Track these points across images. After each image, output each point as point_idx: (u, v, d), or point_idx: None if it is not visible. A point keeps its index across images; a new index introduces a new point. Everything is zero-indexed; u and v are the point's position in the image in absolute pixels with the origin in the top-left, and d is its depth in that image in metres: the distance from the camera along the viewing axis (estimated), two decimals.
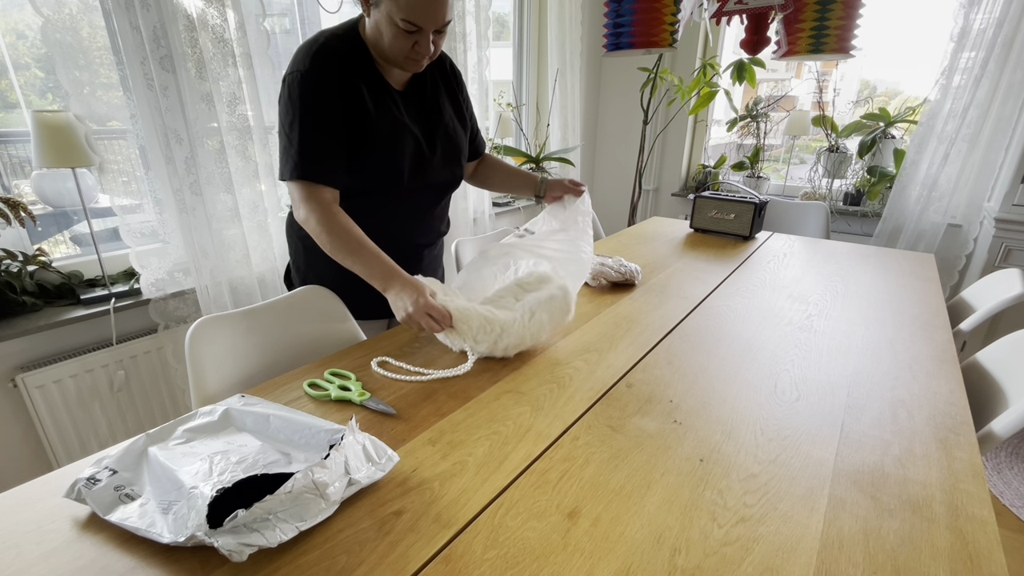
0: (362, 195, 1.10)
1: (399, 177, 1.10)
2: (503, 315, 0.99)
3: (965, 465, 0.72)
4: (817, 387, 0.92)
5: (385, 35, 0.97)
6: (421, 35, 0.96)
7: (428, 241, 1.27)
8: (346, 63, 1.01)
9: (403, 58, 1.00)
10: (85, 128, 1.34)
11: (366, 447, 0.68)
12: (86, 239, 1.58)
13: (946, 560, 0.57)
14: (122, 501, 0.61)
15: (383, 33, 0.97)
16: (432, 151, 1.14)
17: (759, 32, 1.57)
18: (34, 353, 1.41)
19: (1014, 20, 2.08)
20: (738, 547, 0.58)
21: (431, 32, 0.97)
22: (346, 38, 1.02)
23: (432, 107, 1.15)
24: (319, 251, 1.16)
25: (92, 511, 0.61)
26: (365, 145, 1.05)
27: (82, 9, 1.28)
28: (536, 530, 0.60)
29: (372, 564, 0.56)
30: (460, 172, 1.24)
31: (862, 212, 2.71)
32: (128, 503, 0.60)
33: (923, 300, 1.34)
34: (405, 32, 0.95)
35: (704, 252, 1.76)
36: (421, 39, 0.97)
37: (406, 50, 0.98)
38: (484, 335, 0.97)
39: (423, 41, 0.97)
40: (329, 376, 0.92)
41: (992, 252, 2.21)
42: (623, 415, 0.83)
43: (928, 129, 2.37)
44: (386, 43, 0.98)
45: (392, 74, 1.08)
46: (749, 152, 3.07)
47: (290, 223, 1.20)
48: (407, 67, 1.03)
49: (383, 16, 0.95)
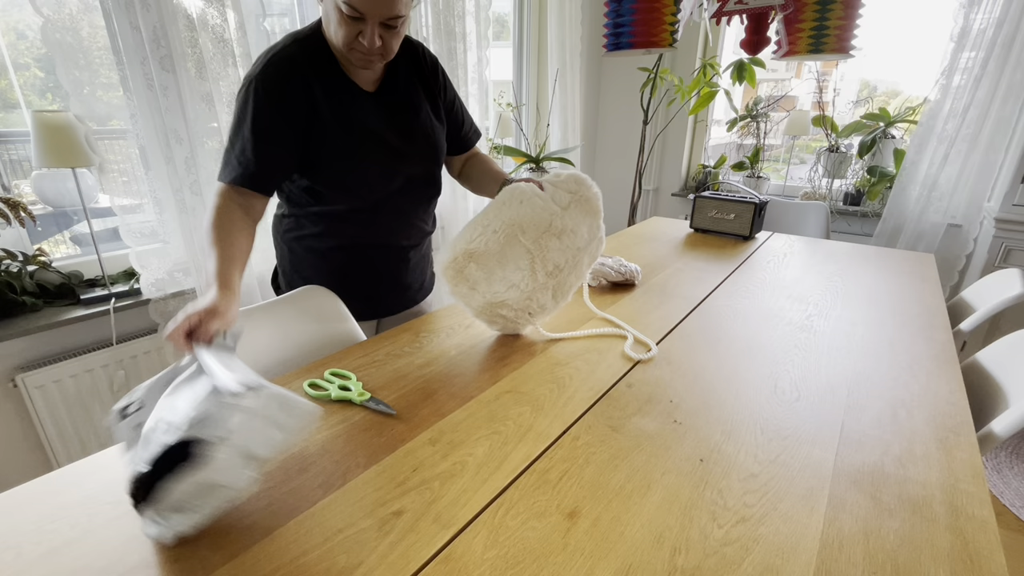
0: (338, 202, 1.08)
1: (368, 183, 1.08)
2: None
3: (965, 465, 0.72)
4: (817, 387, 0.92)
5: (332, 23, 0.93)
6: (366, 25, 0.91)
7: (414, 242, 1.23)
8: (304, 71, 0.97)
9: (348, 50, 0.95)
10: (85, 128, 1.34)
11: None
12: (86, 239, 1.58)
13: (946, 560, 0.57)
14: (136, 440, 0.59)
15: (331, 21, 0.94)
16: (407, 152, 1.11)
17: (759, 32, 1.57)
18: (34, 353, 1.41)
19: (1014, 20, 2.08)
20: (738, 547, 0.58)
21: (376, 23, 0.92)
22: (309, 42, 0.99)
23: (405, 106, 1.10)
24: (305, 254, 1.16)
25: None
26: (324, 155, 1.02)
27: (82, 9, 1.28)
28: (536, 530, 0.60)
29: (372, 564, 0.56)
30: (438, 171, 1.21)
31: (862, 212, 2.71)
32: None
33: (923, 300, 1.34)
34: (349, 19, 0.91)
35: (704, 252, 1.76)
36: (366, 29, 0.92)
37: (350, 40, 0.93)
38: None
39: (367, 32, 0.92)
40: (329, 376, 0.92)
41: (992, 252, 2.21)
42: (623, 415, 0.83)
43: (928, 129, 2.37)
44: (332, 32, 0.95)
45: (359, 75, 1.04)
46: (749, 152, 3.07)
47: (276, 226, 1.18)
48: (355, 61, 0.98)
49: (330, 3, 0.91)
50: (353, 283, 1.17)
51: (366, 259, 1.17)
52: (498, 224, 0.95)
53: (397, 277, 1.23)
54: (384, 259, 1.19)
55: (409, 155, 1.11)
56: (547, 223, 0.97)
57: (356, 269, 1.17)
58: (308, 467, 0.70)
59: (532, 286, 0.99)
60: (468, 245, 0.95)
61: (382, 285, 1.22)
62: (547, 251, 0.98)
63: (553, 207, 0.98)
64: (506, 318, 1.04)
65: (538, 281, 0.99)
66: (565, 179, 1.02)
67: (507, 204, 0.96)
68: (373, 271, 1.19)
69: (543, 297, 1.02)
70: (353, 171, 1.06)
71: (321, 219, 1.11)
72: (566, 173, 1.02)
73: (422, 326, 1.16)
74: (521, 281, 0.98)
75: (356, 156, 1.05)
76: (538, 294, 1.01)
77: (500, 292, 0.98)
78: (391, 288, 1.24)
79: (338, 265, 1.15)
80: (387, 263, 1.20)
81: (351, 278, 1.17)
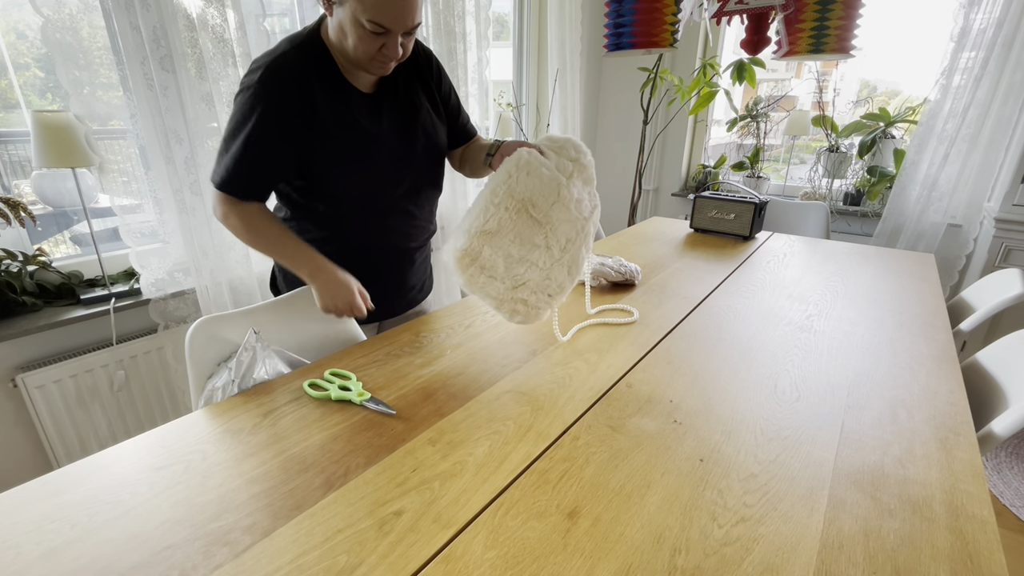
0: (341, 205, 1.08)
1: (370, 186, 1.07)
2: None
3: (965, 465, 0.72)
4: (817, 387, 0.92)
5: (350, 37, 0.91)
6: (389, 37, 0.91)
7: (419, 244, 1.23)
8: (302, 77, 0.96)
9: (368, 61, 0.94)
10: (85, 128, 1.34)
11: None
12: (86, 239, 1.58)
13: (946, 560, 0.57)
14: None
15: (348, 35, 0.91)
16: (411, 152, 1.10)
17: (759, 32, 1.57)
18: (34, 353, 1.41)
19: (1014, 20, 2.08)
20: (738, 547, 0.58)
21: (399, 35, 0.92)
22: (305, 46, 0.98)
23: (406, 107, 1.09)
24: None
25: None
26: (325, 159, 1.01)
27: (82, 9, 1.28)
28: (536, 530, 0.60)
29: (372, 564, 0.56)
30: (441, 171, 1.20)
31: (862, 212, 2.71)
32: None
33: (923, 300, 1.34)
34: (372, 34, 0.90)
35: (704, 252, 1.76)
36: (389, 41, 0.92)
37: (372, 52, 0.92)
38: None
39: (391, 44, 0.92)
40: (329, 376, 0.92)
41: (992, 252, 2.21)
42: (623, 415, 0.83)
43: (928, 129, 2.37)
44: (351, 45, 0.92)
45: (358, 78, 1.03)
46: (749, 152, 3.07)
47: None
48: (372, 70, 0.97)
49: (348, 16, 0.89)
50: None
51: (370, 262, 1.16)
52: (508, 200, 0.89)
53: (401, 279, 1.23)
54: (389, 261, 1.19)
55: (411, 156, 1.11)
56: (556, 194, 0.91)
57: (358, 272, 1.17)
58: (308, 467, 0.70)
59: (550, 263, 0.94)
60: (483, 226, 0.88)
61: (386, 288, 1.21)
62: (558, 224, 0.92)
63: (559, 176, 0.92)
64: (527, 303, 0.96)
65: (554, 257, 0.94)
66: (564, 144, 0.94)
67: (513, 176, 0.89)
68: (376, 274, 1.18)
69: (560, 274, 0.96)
70: (355, 174, 1.05)
71: (324, 222, 1.10)
72: (563, 138, 0.95)
73: (422, 326, 1.16)
74: (539, 259, 0.93)
75: (357, 159, 1.04)
76: (555, 271, 0.95)
77: (520, 274, 0.92)
78: (395, 290, 1.23)
79: (340, 268, 1.15)
80: (392, 265, 1.20)
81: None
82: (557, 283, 0.96)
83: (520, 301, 0.95)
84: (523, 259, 0.92)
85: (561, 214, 0.92)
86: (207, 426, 0.79)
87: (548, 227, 0.92)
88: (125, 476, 0.68)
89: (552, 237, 0.93)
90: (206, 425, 0.80)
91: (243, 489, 0.66)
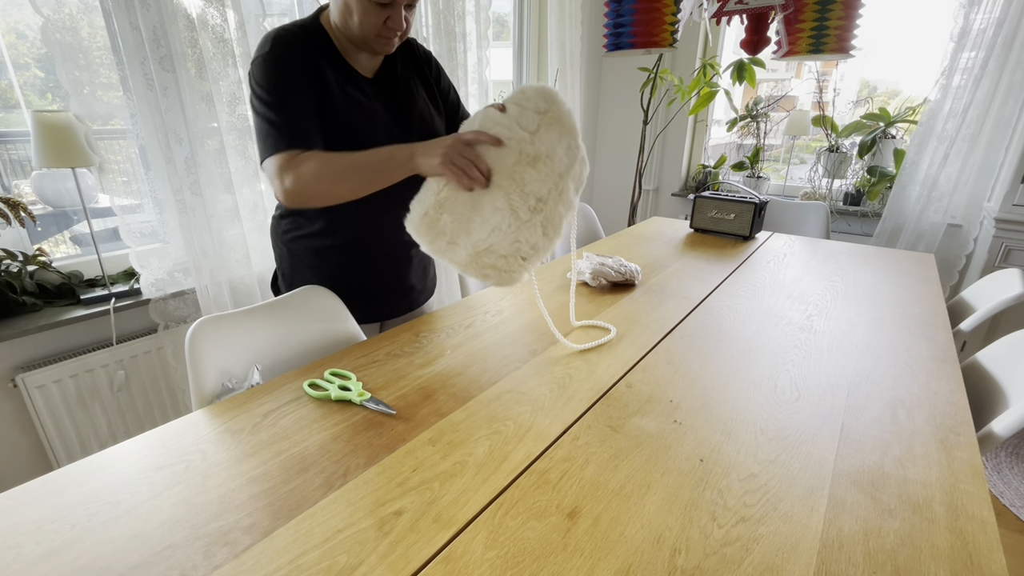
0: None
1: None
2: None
3: (965, 465, 0.72)
4: (817, 387, 0.92)
5: (355, 13, 0.94)
6: (393, 9, 0.93)
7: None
8: (308, 50, 0.98)
9: (374, 36, 0.96)
10: (85, 128, 1.34)
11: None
12: (86, 239, 1.58)
13: (946, 560, 0.57)
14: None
15: (352, 11, 0.94)
16: (407, 139, 1.08)
17: (759, 32, 1.57)
18: (34, 353, 1.41)
19: (1014, 20, 2.08)
20: (738, 547, 0.58)
21: (402, 6, 0.94)
22: (307, 27, 1.00)
23: (404, 93, 1.11)
24: (304, 256, 1.15)
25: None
26: (332, 137, 1.01)
27: (82, 9, 1.28)
28: (536, 530, 0.60)
29: (372, 564, 0.56)
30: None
31: (862, 212, 2.71)
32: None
33: (923, 300, 1.34)
34: (377, 6, 0.92)
35: (704, 252, 1.76)
36: (393, 14, 0.94)
37: (378, 27, 0.94)
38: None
39: (395, 16, 0.94)
40: (329, 376, 0.92)
41: (992, 252, 2.21)
42: (623, 415, 0.83)
43: (928, 129, 2.37)
44: (356, 22, 0.94)
45: (359, 61, 1.05)
46: (749, 152, 3.07)
47: (275, 228, 1.18)
48: (378, 47, 0.99)
49: None
50: (354, 283, 1.17)
51: (367, 257, 1.16)
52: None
53: (399, 276, 1.23)
54: (385, 257, 1.19)
55: (407, 142, 1.10)
56: (516, 153, 0.88)
57: (356, 268, 1.17)
58: (308, 467, 0.70)
59: (516, 225, 0.90)
60: (436, 196, 0.89)
61: (384, 284, 1.21)
62: (524, 183, 0.89)
63: (520, 132, 0.88)
64: (498, 268, 0.93)
65: (521, 219, 0.90)
66: (531, 95, 0.90)
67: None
68: (374, 270, 1.18)
69: (533, 236, 0.92)
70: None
71: (321, 214, 1.10)
72: (533, 88, 0.91)
73: (422, 326, 1.16)
74: (502, 223, 0.90)
75: (359, 142, 1.04)
76: (526, 233, 0.91)
77: (483, 239, 0.90)
78: (393, 288, 1.23)
79: (338, 265, 1.15)
80: (388, 261, 1.20)
81: (352, 278, 1.16)
82: (530, 245, 0.92)
83: (489, 266, 0.93)
84: (484, 223, 0.90)
85: (526, 173, 0.88)
86: (207, 426, 0.80)
87: (512, 189, 0.89)
88: (125, 476, 0.68)
89: (518, 198, 0.89)
90: (206, 425, 0.80)
91: (243, 489, 0.66)
